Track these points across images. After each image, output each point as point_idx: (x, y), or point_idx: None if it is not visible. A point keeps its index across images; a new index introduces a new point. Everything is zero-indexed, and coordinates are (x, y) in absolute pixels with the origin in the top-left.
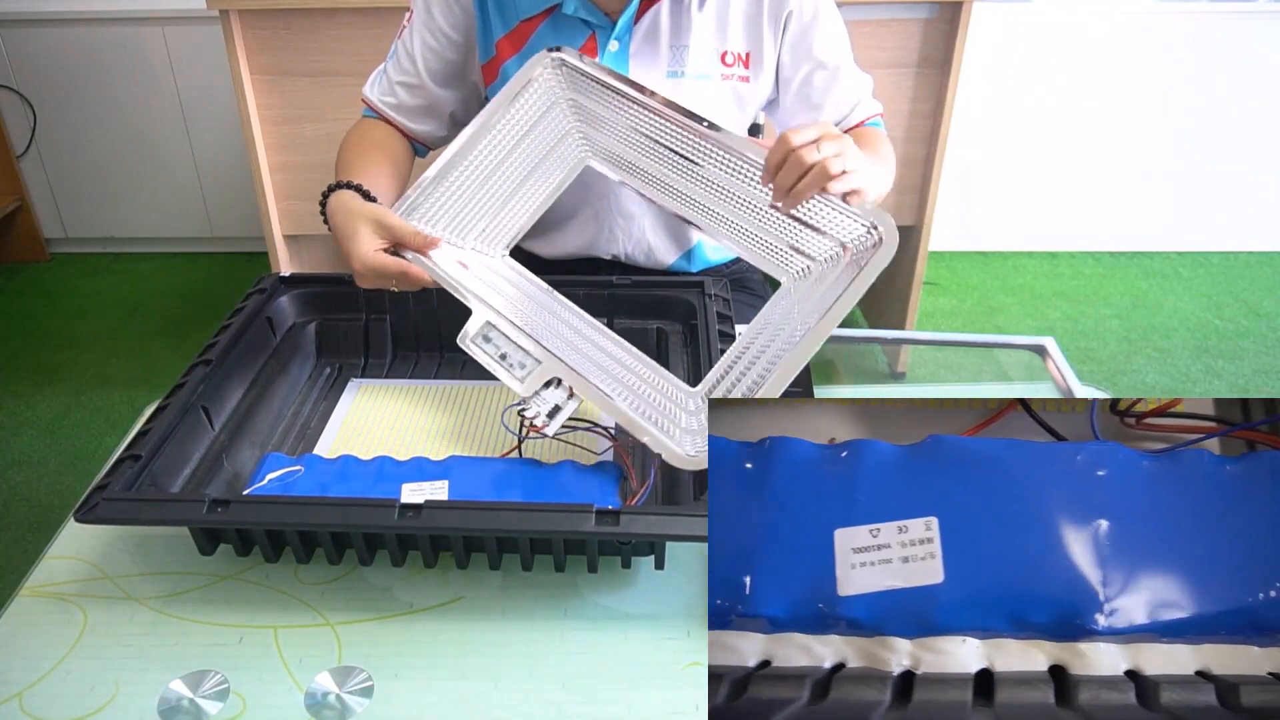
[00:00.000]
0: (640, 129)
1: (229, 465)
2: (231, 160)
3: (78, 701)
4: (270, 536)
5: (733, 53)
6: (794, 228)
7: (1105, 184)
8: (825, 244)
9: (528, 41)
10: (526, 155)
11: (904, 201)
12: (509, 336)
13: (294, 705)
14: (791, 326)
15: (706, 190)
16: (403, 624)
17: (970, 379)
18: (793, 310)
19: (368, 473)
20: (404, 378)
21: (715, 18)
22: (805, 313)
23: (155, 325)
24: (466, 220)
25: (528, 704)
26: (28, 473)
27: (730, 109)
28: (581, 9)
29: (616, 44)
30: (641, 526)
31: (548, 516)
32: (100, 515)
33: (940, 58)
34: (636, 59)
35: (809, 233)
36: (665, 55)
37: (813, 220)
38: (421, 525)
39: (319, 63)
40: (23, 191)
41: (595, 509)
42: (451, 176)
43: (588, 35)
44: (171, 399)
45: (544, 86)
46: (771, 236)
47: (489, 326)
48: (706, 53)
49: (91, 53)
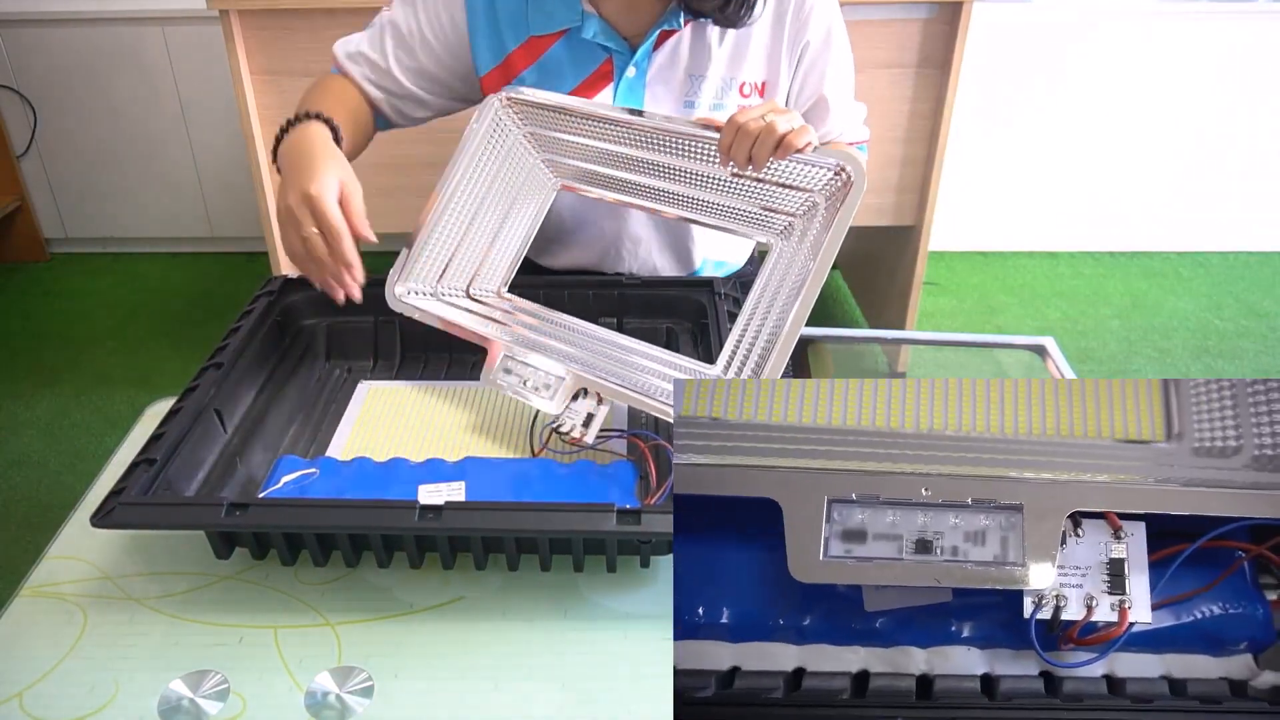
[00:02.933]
0: (602, 142)
1: (242, 468)
2: (231, 160)
3: (78, 701)
4: (287, 539)
5: (750, 83)
6: (766, 190)
7: (1105, 184)
8: (799, 198)
9: (541, 57)
10: (500, 197)
11: (904, 201)
12: (526, 363)
13: (294, 705)
14: (790, 282)
15: (678, 181)
16: (403, 624)
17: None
18: (788, 268)
19: (383, 475)
20: (414, 379)
21: (733, 49)
22: (799, 266)
23: (155, 325)
24: (459, 271)
25: (528, 704)
26: (28, 473)
27: None
28: (601, 34)
29: (634, 70)
30: (663, 525)
31: (569, 516)
32: (117, 520)
33: (940, 58)
34: (652, 86)
35: (781, 191)
36: (681, 84)
37: (782, 178)
38: (443, 526)
39: (319, 63)
40: (23, 191)
41: (617, 508)
42: (434, 236)
43: (604, 59)
44: (184, 402)
45: (500, 129)
46: (747, 204)
47: (506, 359)
48: (723, 83)
49: (91, 53)
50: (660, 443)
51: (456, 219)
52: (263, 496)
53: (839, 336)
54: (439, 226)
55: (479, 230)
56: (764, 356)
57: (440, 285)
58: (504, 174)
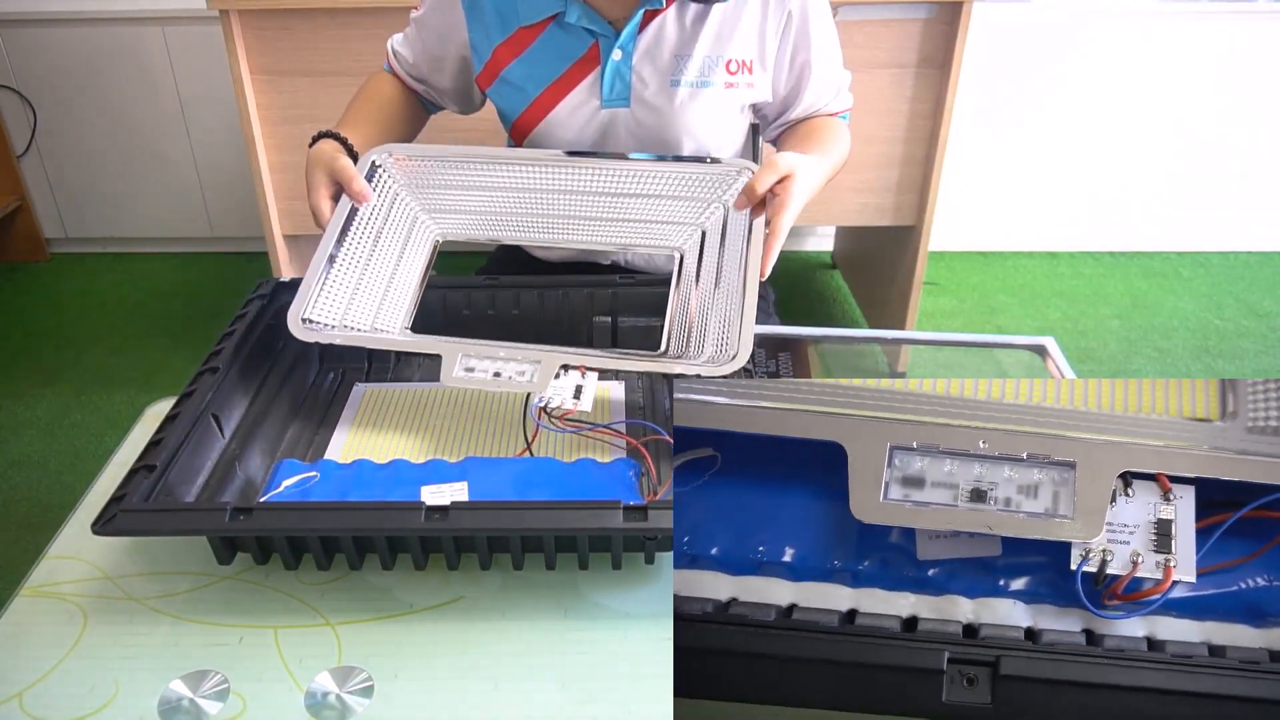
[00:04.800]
0: (483, 190)
1: (241, 473)
2: (231, 160)
3: (78, 701)
4: (291, 543)
5: (736, 60)
6: (669, 204)
7: (1105, 184)
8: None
9: (527, 48)
10: (390, 245)
11: (904, 201)
12: (488, 357)
13: (294, 705)
14: (728, 273)
15: (575, 207)
16: (403, 624)
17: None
18: (713, 264)
19: (385, 477)
20: (409, 381)
21: (719, 26)
22: (729, 257)
23: (155, 325)
24: (360, 309)
25: (528, 704)
26: (28, 473)
27: (732, 115)
28: (585, 18)
29: (620, 53)
30: (669, 521)
31: (575, 514)
32: (119, 527)
33: (940, 58)
34: (639, 68)
35: (685, 203)
36: (668, 64)
37: (683, 193)
38: (449, 527)
39: (319, 63)
40: (23, 191)
41: (623, 505)
42: (331, 275)
43: (590, 44)
44: (181, 407)
45: (381, 184)
46: (656, 217)
47: (465, 359)
48: (710, 61)
49: (91, 53)
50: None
51: (352, 261)
52: (264, 501)
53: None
54: (336, 266)
55: (375, 274)
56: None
57: (346, 320)
58: (390, 225)
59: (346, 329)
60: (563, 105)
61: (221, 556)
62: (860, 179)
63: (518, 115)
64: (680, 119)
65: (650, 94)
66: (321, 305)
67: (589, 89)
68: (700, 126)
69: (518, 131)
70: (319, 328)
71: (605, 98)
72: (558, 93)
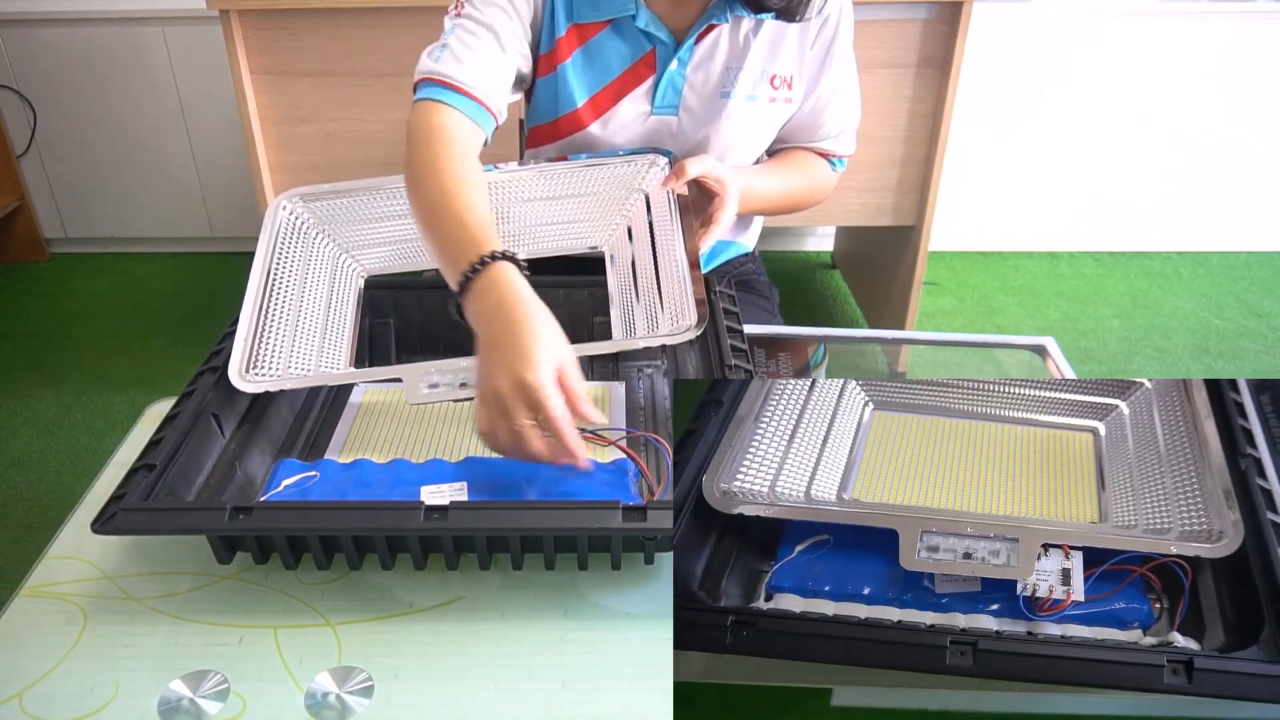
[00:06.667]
0: (399, 212)
1: (241, 472)
2: (231, 160)
3: (78, 701)
4: (290, 543)
5: (780, 76)
6: (591, 202)
7: (1105, 184)
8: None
9: (581, 47)
10: (318, 289)
11: (904, 201)
12: (450, 370)
13: (294, 705)
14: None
15: (499, 218)
16: (403, 624)
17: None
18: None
19: (384, 476)
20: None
21: (769, 42)
22: (662, 240)
23: (155, 325)
24: (300, 356)
25: (528, 704)
26: (28, 473)
27: (773, 129)
28: (652, 24)
29: (677, 63)
30: (668, 521)
31: (575, 514)
32: (119, 526)
33: (940, 58)
34: (692, 78)
35: (606, 199)
36: (719, 76)
37: (602, 190)
38: (448, 527)
39: (319, 63)
40: (23, 191)
41: (622, 505)
42: (265, 324)
43: (648, 49)
44: (181, 407)
45: (296, 228)
46: (581, 217)
47: (425, 376)
48: (757, 75)
49: (91, 53)
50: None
51: (284, 309)
52: (263, 500)
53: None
54: (268, 315)
55: (309, 319)
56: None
57: (290, 368)
58: (314, 268)
59: (293, 373)
60: (616, 110)
61: (221, 556)
62: (860, 179)
63: (561, 114)
64: (726, 131)
65: (700, 105)
66: (264, 355)
67: (643, 95)
68: (743, 139)
69: (556, 131)
70: (262, 378)
71: (656, 105)
72: (611, 96)
